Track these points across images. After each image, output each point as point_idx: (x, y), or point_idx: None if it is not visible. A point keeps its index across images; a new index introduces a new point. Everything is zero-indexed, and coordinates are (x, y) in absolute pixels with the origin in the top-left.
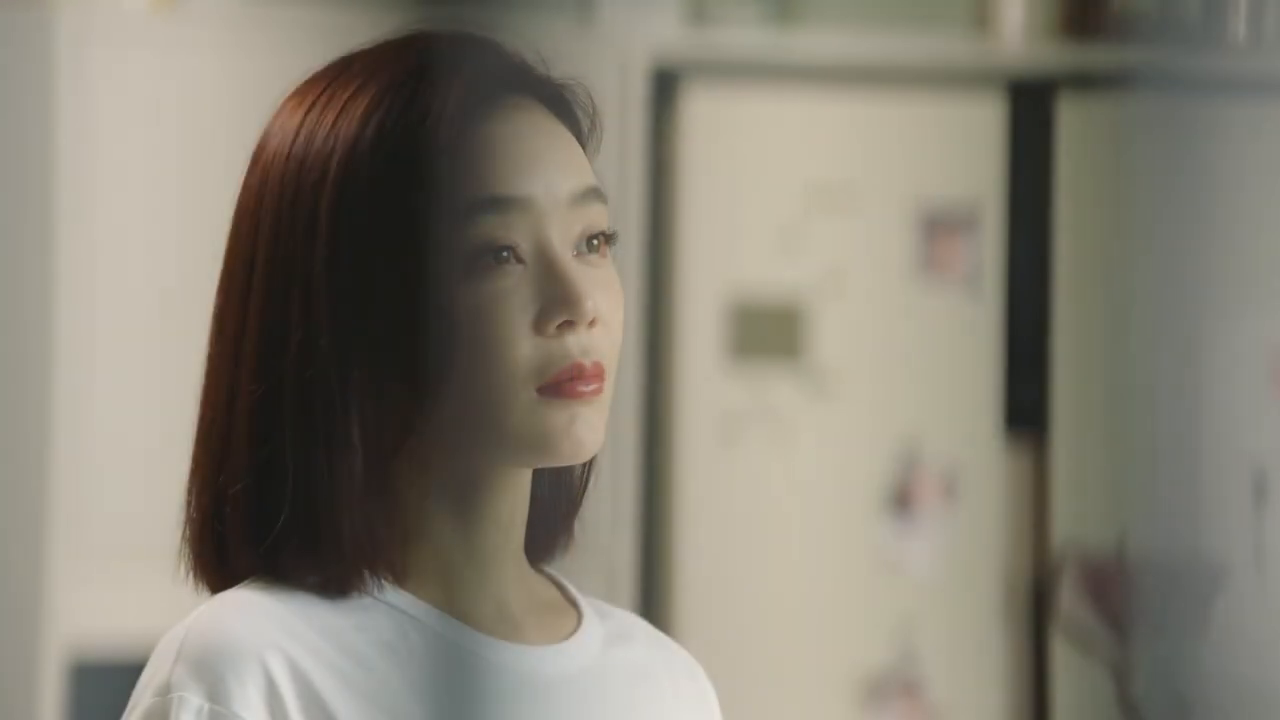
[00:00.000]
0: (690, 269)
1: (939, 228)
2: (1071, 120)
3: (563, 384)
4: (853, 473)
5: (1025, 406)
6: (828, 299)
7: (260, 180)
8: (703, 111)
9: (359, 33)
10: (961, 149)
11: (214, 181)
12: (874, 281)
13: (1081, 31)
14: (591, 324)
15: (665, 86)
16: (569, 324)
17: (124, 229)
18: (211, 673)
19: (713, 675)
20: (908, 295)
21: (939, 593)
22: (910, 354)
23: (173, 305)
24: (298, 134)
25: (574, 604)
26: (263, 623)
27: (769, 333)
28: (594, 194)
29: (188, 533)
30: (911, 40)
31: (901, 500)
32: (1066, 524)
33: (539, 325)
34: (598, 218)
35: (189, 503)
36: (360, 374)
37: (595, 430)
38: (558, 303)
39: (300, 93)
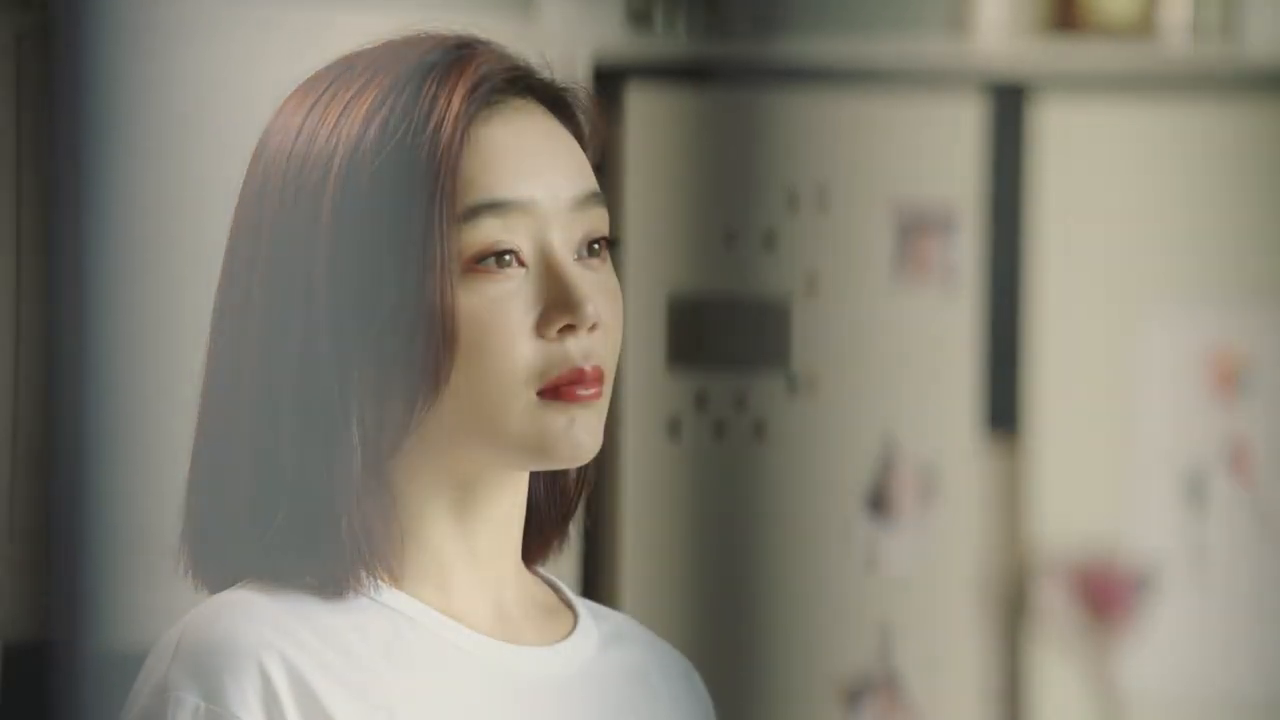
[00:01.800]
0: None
1: (916, 229)
2: (1050, 121)
3: (562, 387)
4: (830, 473)
5: (1003, 407)
6: (804, 300)
7: (261, 179)
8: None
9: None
10: (939, 150)
11: (213, 179)
12: (851, 282)
13: (1060, 32)
14: (592, 328)
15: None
16: (570, 328)
17: (118, 225)
18: (208, 672)
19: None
20: (885, 296)
21: (917, 592)
22: (887, 355)
23: (172, 303)
24: (299, 133)
25: (569, 605)
26: (259, 622)
27: (746, 333)
28: (595, 198)
29: (186, 531)
30: (888, 41)
31: (879, 500)
32: (1044, 524)
33: (540, 328)
34: (599, 222)
35: (187, 501)
36: (360, 374)
37: (593, 433)
38: (560, 306)
39: (302, 92)
